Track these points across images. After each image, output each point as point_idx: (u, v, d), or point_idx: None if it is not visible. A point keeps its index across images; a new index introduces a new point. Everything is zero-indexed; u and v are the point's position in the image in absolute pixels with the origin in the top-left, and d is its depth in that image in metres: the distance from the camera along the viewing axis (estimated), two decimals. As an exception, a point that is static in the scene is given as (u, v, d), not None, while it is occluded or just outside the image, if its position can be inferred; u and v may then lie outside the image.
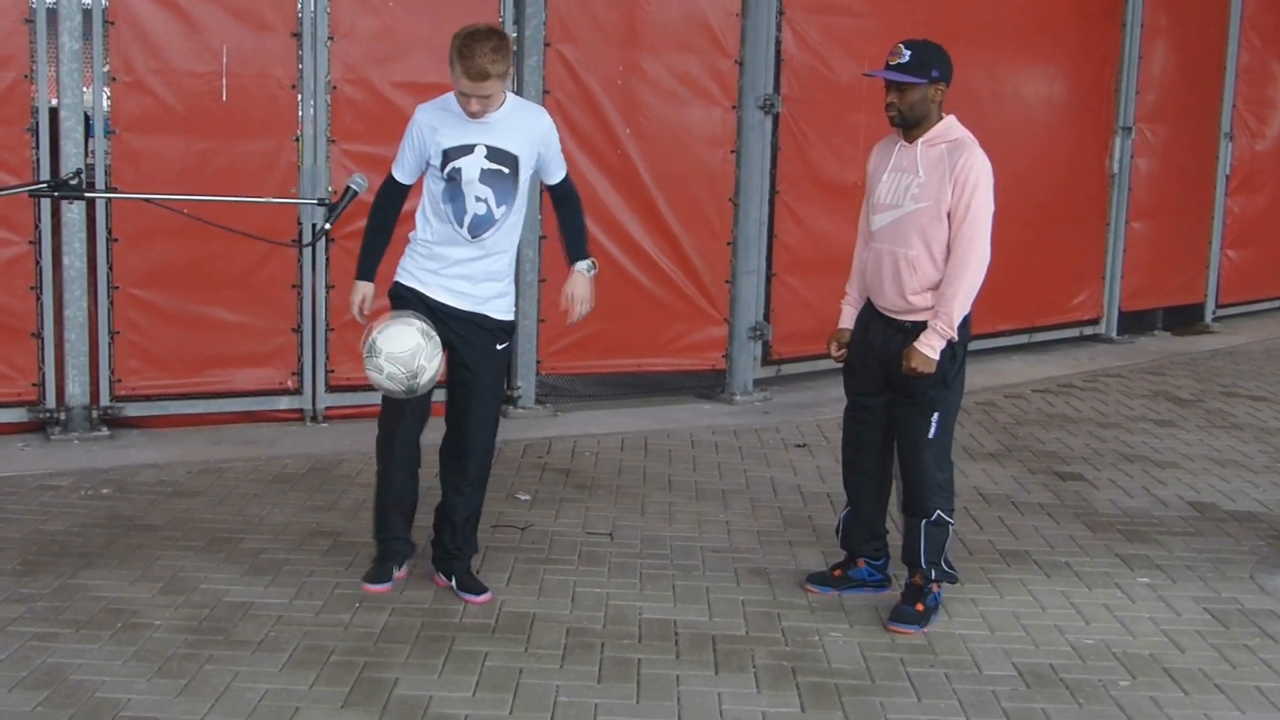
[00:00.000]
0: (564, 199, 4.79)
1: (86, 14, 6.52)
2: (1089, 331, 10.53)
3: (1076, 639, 4.57)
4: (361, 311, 4.68)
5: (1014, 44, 9.40)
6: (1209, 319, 11.58)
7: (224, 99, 6.71)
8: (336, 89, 6.92)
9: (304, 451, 6.55)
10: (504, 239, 4.59)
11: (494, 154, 4.50)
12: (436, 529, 4.79)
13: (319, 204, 4.73)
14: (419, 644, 4.32)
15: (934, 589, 4.67)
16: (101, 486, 5.89)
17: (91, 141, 6.97)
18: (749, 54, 7.89)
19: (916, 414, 4.59)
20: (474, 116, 4.46)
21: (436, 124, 4.53)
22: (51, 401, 6.64)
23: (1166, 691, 4.19)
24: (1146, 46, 10.26)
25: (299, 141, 6.92)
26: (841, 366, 4.91)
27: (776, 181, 8.12)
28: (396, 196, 4.71)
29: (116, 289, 6.66)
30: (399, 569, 4.81)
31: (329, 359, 7.08)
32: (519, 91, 7.17)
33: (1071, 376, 9.25)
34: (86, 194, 3.94)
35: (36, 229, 6.51)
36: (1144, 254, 10.64)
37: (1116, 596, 4.99)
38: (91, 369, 6.67)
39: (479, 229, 4.53)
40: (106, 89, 6.60)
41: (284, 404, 7.09)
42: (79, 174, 4.21)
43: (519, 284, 7.19)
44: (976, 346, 8.46)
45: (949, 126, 4.56)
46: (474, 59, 4.30)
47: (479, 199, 4.50)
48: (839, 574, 4.95)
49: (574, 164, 7.39)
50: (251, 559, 5.04)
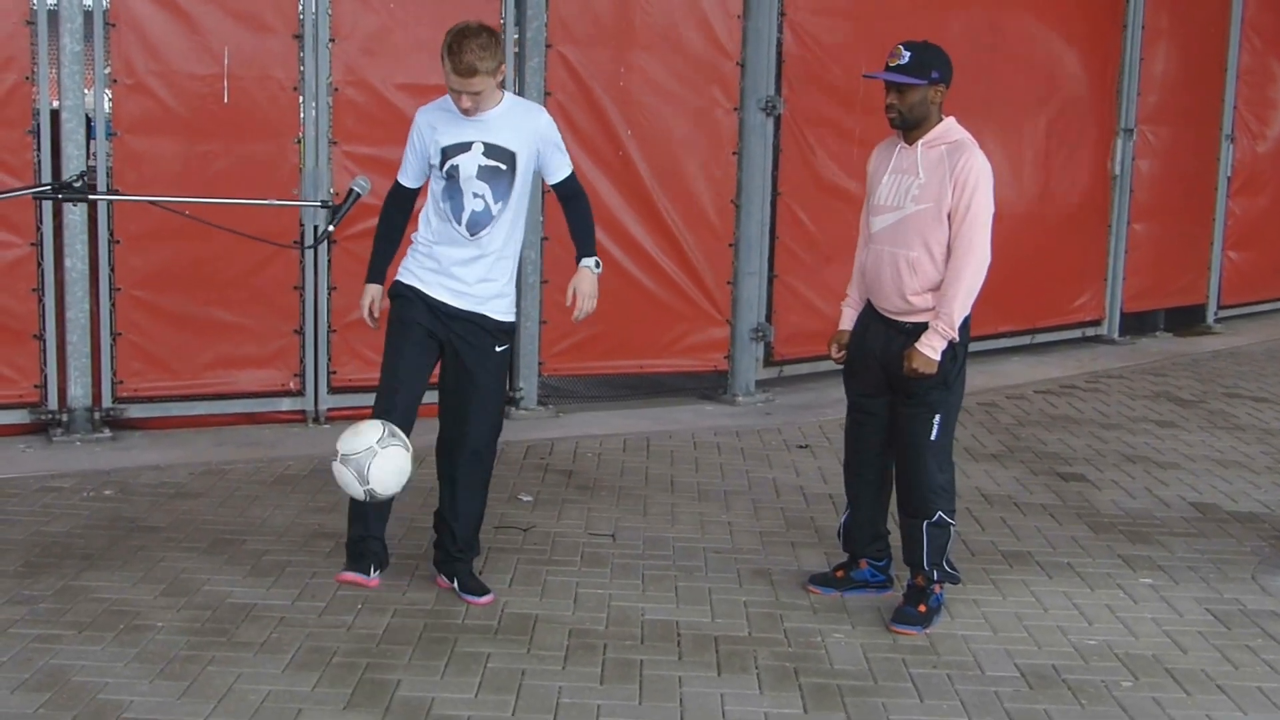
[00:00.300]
0: (569, 197, 4.77)
1: (88, 16, 6.52)
2: (1091, 332, 10.52)
3: (1079, 640, 4.57)
4: (371, 314, 4.71)
5: (1015, 45, 9.40)
6: (1211, 320, 11.58)
7: (225, 101, 6.71)
8: (338, 91, 6.93)
9: (306, 453, 6.55)
10: (501, 237, 4.58)
11: (491, 150, 4.51)
12: (438, 531, 4.78)
13: (322, 206, 4.75)
14: (421, 645, 4.32)
15: (936, 590, 4.67)
16: (104, 488, 5.89)
17: (93, 144, 6.98)
18: (750, 55, 7.89)
19: (918, 416, 4.59)
20: (466, 114, 4.47)
21: (435, 123, 4.56)
22: (54, 403, 6.64)
23: (1169, 692, 4.19)
24: (1148, 48, 10.27)
25: (300, 143, 6.92)
26: (842, 368, 4.91)
27: (778, 183, 8.13)
28: (403, 201, 4.74)
29: (118, 290, 6.66)
30: (372, 575, 4.74)
31: (331, 360, 7.09)
32: (520, 93, 7.17)
33: (1073, 377, 9.25)
34: (90, 196, 3.94)
35: (38, 231, 6.51)
36: (1146, 255, 10.64)
37: (1119, 597, 4.99)
38: (93, 371, 6.67)
39: (476, 226, 4.53)
40: (108, 91, 6.60)
41: (286, 405, 7.09)
42: (82, 176, 4.22)
43: (521, 285, 7.24)
44: (978, 347, 8.48)
45: (949, 128, 4.56)
46: (462, 55, 4.33)
47: (476, 195, 4.51)
48: (841, 575, 4.95)
49: (576, 165, 7.39)
50: (254, 560, 5.04)
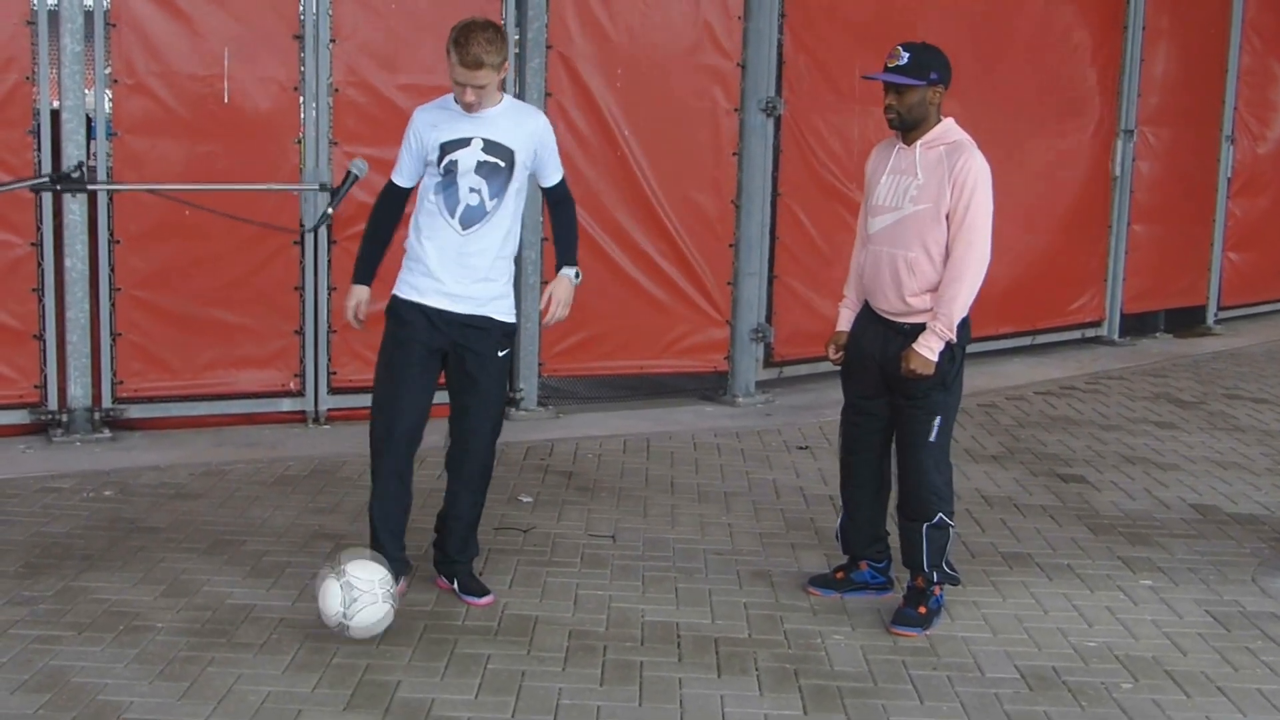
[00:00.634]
0: (560, 202, 4.80)
1: (88, 16, 6.52)
2: (1091, 334, 10.52)
3: (1079, 641, 4.57)
4: (357, 316, 4.65)
5: (1016, 46, 9.41)
6: (1211, 321, 11.58)
7: (225, 101, 6.71)
8: (338, 91, 6.92)
9: (306, 453, 6.55)
10: (491, 235, 4.55)
11: (490, 147, 4.51)
12: (438, 531, 4.78)
13: (320, 189, 4.70)
14: (421, 646, 4.32)
15: (936, 591, 4.66)
16: (103, 489, 5.89)
17: (93, 144, 6.98)
18: (751, 56, 7.89)
19: (917, 417, 4.59)
20: (468, 109, 4.46)
21: (435, 121, 4.55)
22: (53, 403, 6.64)
23: (1168, 694, 4.18)
24: (1148, 49, 10.27)
25: (301, 144, 6.92)
26: (840, 369, 4.91)
27: (778, 184, 8.13)
28: (395, 201, 4.70)
29: (118, 290, 6.66)
30: (397, 583, 4.67)
31: (331, 361, 7.08)
32: (521, 94, 7.18)
33: (1073, 379, 9.25)
34: (89, 186, 3.91)
35: (38, 231, 6.51)
36: (1146, 256, 10.64)
37: (1119, 599, 4.99)
38: (93, 371, 6.67)
39: (469, 220, 4.51)
40: (108, 91, 6.60)
41: (286, 406, 7.09)
42: (80, 167, 4.19)
43: (521, 286, 7.23)
44: (979, 348, 8.48)
45: (947, 129, 4.56)
46: (469, 48, 4.33)
47: (472, 189, 4.50)
48: (841, 576, 4.94)
49: (575, 166, 7.43)
50: (254, 561, 5.04)
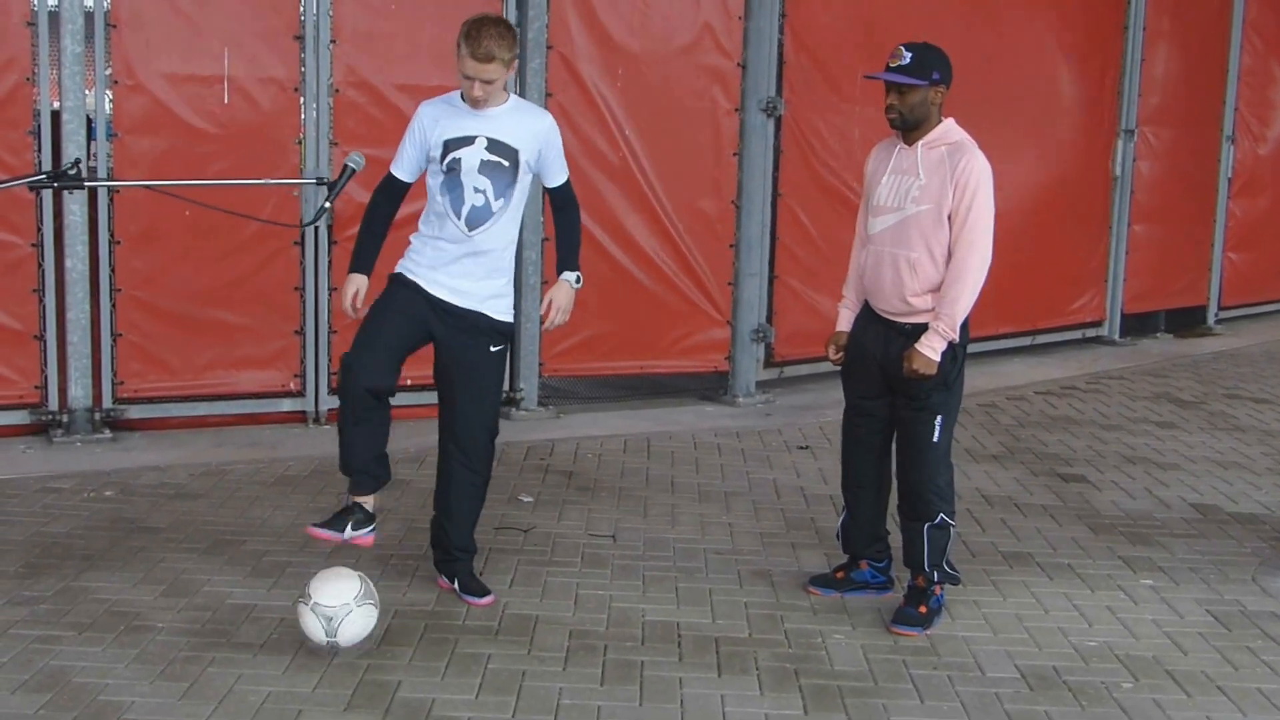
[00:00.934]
0: (565, 205, 4.78)
1: (88, 17, 6.52)
2: (1091, 333, 10.53)
3: (1079, 641, 4.57)
4: (354, 306, 4.60)
5: (1017, 46, 9.40)
6: (1211, 321, 11.58)
7: (226, 102, 6.72)
8: (339, 92, 6.93)
9: (306, 454, 6.55)
10: (498, 236, 4.56)
11: (494, 146, 4.50)
12: (436, 531, 4.77)
13: (318, 183, 4.69)
14: (422, 646, 4.32)
15: (936, 591, 4.66)
16: (104, 489, 5.89)
17: (94, 144, 6.98)
18: (751, 56, 7.89)
19: (920, 418, 4.59)
20: (476, 103, 4.45)
21: (439, 116, 4.53)
22: (54, 404, 6.64)
23: (1169, 693, 4.18)
24: (1149, 49, 10.27)
25: (301, 144, 6.93)
26: (840, 370, 4.91)
27: (779, 184, 8.13)
28: (394, 193, 4.66)
29: (119, 291, 6.66)
30: (363, 529, 4.57)
31: (332, 361, 7.07)
32: (521, 94, 7.17)
33: (1074, 378, 9.25)
34: (87, 183, 3.89)
35: (39, 231, 6.52)
36: (1146, 256, 10.64)
37: (1119, 598, 4.99)
38: (94, 371, 6.67)
39: (475, 222, 4.51)
40: (108, 92, 6.60)
41: (286, 406, 7.09)
42: (77, 163, 4.15)
43: (522, 286, 7.24)
44: (979, 348, 8.47)
45: (949, 129, 4.56)
46: (481, 41, 4.33)
47: (477, 190, 4.49)
48: (841, 576, 4.94)
49: (576, 166, 7.39)
50: (254, 561, 5.04)
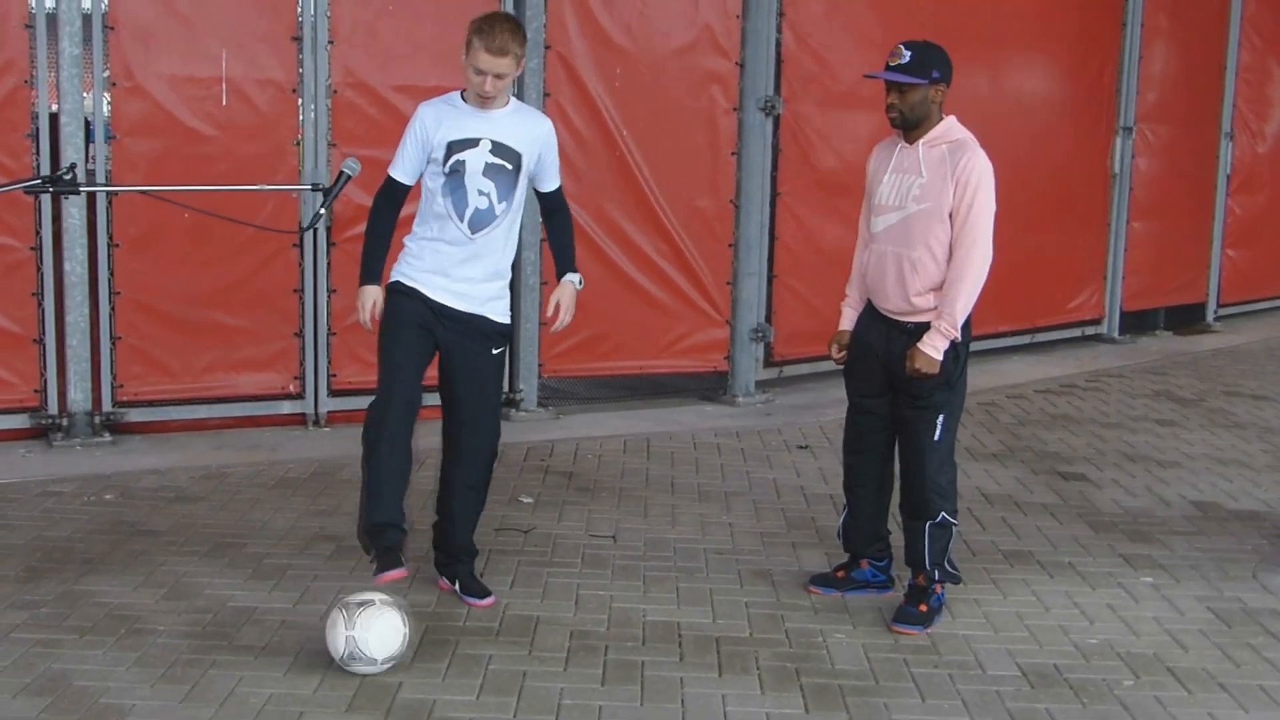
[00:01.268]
0: (557, 209, 4.80)
1: (86, 19, 6.52)
2: (1091, 331, 10.53)
3: (1080, 639, 4.57)
4: (372, 318, 4.56)
5: (1015, 44, 9.41)
6: (1210, 318, 11.59)
7: (224, 103, 6.71)
8: (337, 93, 6.92)
9: (306, 456, 6.55)
10: (499, 239, 4.56)
11: (498, 149, 4.50)
12: (437, 534, 4.77)
13: (314, 189, 4.68)
14: (423, 648, 4.31)
15: (937, 590, 4.66)
16: (104, 492, 5.89)
17: (92, 147, 6.98)
18: (749, 56, 7.89)
19: (922, 417, 4.59)
20: (485, 97, 4.43)
21: (442, 118, 4.51)
22: (54, 407, 6.64)
23: (1170, 691, 4.18)
24: (1147, 46, 10.28)
25: (299, 145, 6.92)
26: (843, 368, 4.91)
27: (777, 183, 8.13)
28: (397, 197, 4.64)
29: (118, 294, 6.65)
30: (388, 570, 4.41)
31: (331, 363, 7.08)
32: (519, 94, 7.18)
33: (1073, 376, 9.25)
34: (82, 188, 3.87)
35: (37, 235, 6.51)
36: (1145, 254, 10.64)
37: (1120, 596, 4.99)
38: (93, 375, 6.67)
39: (478, 225, 4.51)
40: (107, 94, 6.60)
41: (286, 408, 7.09)
42: (73, 168, 4.14)
43: (521, 287, 7.24)
44: (978, 347, 8.45)
45: (950, 127, 4.56)
46: (495, 35, 4.34)
47: (481, 193, 4.49)
48: (842, 575, 4.94)
49: (575, 166, 7.44)
50: (255, 564, 5.04)
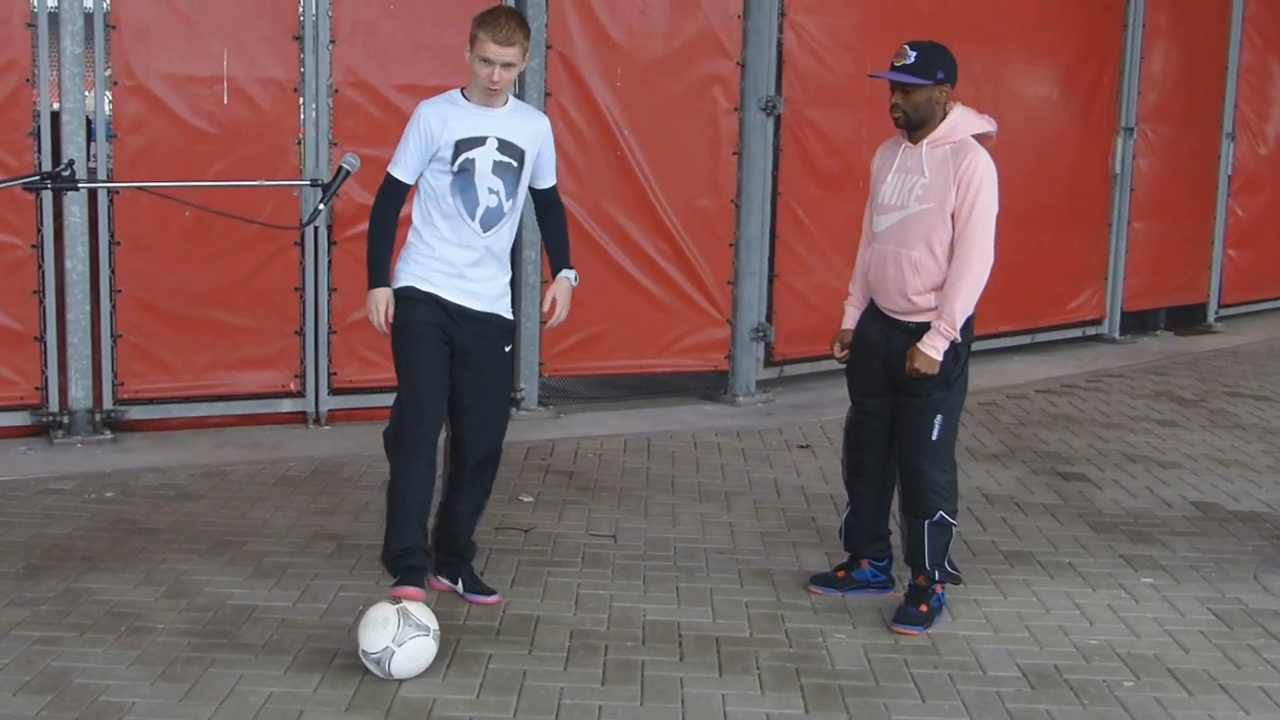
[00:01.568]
0: (552, 207, 4.80)
1: (88, 18, 6.52)
2: (1091, 332, 10.53)
3: (1080, 639, 4.57)
4: (386, 320, 4.49)
5: (1016, 44, 9.41)
6: (1211, 319, 11.58)
7: (225, 102, 6.71)
8: (338, 92, 6.92)
9: (307, 454, 6.55)
10: (506, 235, 4.58)
11: (504, 146, 4.50)
12: (437, 533, 4.75)
13: (313, 184, 4.66)
14: (423, 647, 4.31)
15: (938, 590, 4.66)
16: (105, 490, 5.89)
17: (93, 145, 6.98)
18: (750, 56, 7.89)
19: (920, 415, 4.59)
20: (493, 86, 4.41)
21: (447, 117, 4.48)
22: (54, 405, 6.64)
23: (1171, 692, 4.18)
24: (1148, 46, 10.27)
25: (301, 145, 6.93)
26: (844, 367, 4.91)
27: (778, 183, 8.13)
28: (397, 198, 4.60)
29: (119, 292, 6.65)
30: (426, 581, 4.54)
31: (332, 361, 7.08)
32: (520, 93, 7.17)
33: (1074, 377, 9.25)
34: (81, 184, 3.85)
35: (38, 233, 6.51)
36: (1146, 254, 10.64)
37: (1120, 597, 4.99)
38: (94, 372, 6.67)
39: (490, 222, 4.50)
40: (108, 93, 6.60)
41: (287, 406, 7.09)
42: (70, 165, 4.13)
43: (521, 285, 7.25)
44: (979, 347, 8.43)
45: (954, 126, 4.55)
46: (500, 26, 4.35)
47: (491, 191, 4.49)
48: (842, 575, 4.94)
49: (576, 166, 7.45)
50: (255, 562, 5.04)
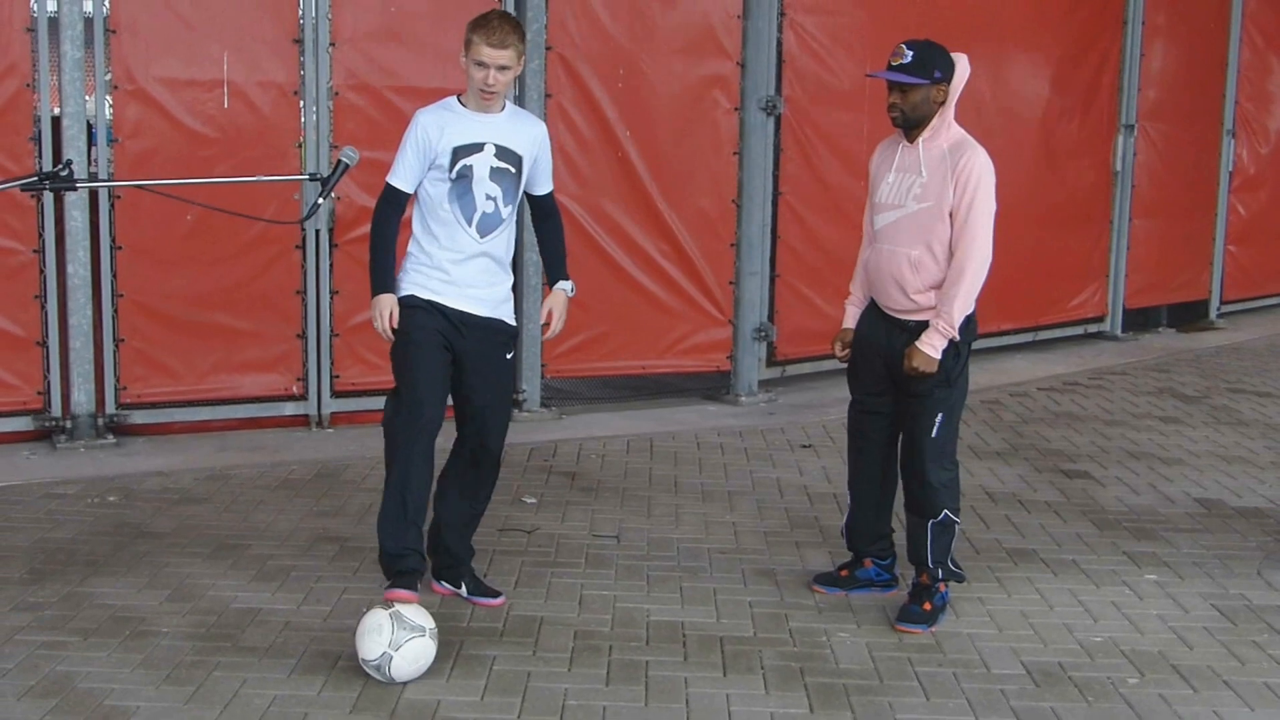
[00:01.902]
0: (549, 214, 4.79)
1: (88, 23, 6.53)
2: (1093, 329, 10.52)
3: (1084, 637, 4.57)
4: (391, 326, 4.49)
5: (1016, 42, 9.40)
6: (1213, 315, 11.57)
7: (225, 106, 6.72)
8: (338, 95, 6.93)
9: (310, 457, 6.56)
10: (504, 241, 4.58)
11: (502, 152, 4.50)
12: (436, 537, 4.74)
13: (311, 179, 4.66)
14: (427, 648, 4.32)
15: (941, 588, 4.67)
16: (108, 494, 5.89)
17: (94, 150, 6.99)
18: (750, 55, 7.89)
19: (920, 413, 4.59)
20: (488, 89, 4.41)
21: (444, 124, 4.48)
22: (57, 410, 6.65)
23: (1175, 689, 4.18)
24: (1148, 44, 10.26)
25: (301, 147, 6.93)
26: (846, 367, 4.91)
27: (779, 183, 8.13)
28: (399, 206, 4.59)
29: (121, 296, 6.66)
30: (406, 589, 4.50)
31: (334, 364, 7.09)
32: (520, 94, 7.18)
33: (1077, 374, 9.24)
34: (79, 183, 3.85)
35: (40, 237, 6.52)
36: (1148, 251, 10.63)
37: (1124, 594, 4.99)
38: (97, 377, 6.68)
39: (487, 228, 4.51)
40: (108, 97, 6.61)
41: (289, 410, 7.09)
42: (68, 165, 4.13)
43: (524, 288, 7.25)
44: (981, 345, 8.47)
45: (952, 126, 4.56)
46: (494, 29, 4.36)
47: (489, 197, 4.49)
48: (846, 574, 4.94)
49: (576, 167, 7.45)
50: (258, 565, 5.04)
